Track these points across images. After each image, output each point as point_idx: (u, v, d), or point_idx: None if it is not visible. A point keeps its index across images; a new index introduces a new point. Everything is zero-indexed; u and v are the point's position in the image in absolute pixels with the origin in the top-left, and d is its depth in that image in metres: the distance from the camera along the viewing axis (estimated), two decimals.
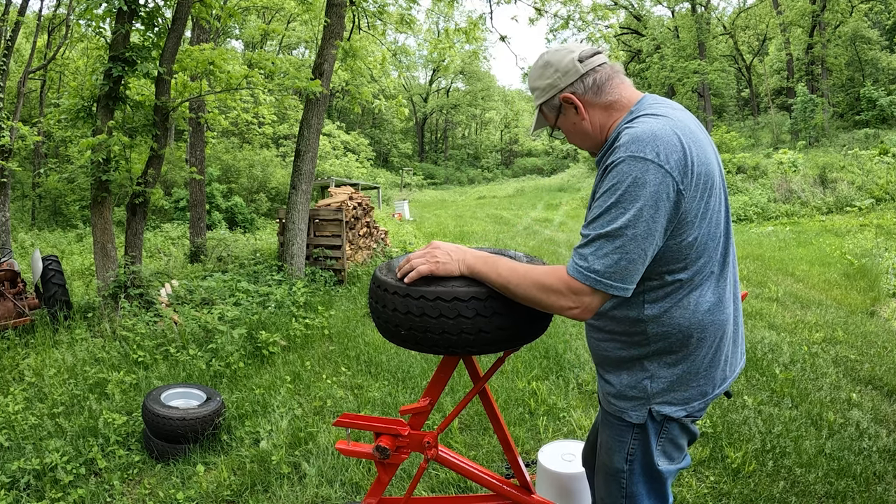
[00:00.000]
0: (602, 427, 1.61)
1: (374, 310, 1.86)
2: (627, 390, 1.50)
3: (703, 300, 1.43)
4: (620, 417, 1.53)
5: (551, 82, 1.52)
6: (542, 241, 12.63)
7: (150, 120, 6.52)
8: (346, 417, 1.96)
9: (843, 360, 4.45)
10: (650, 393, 1.47)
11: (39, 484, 3.09)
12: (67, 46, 18.90)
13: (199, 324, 5.43)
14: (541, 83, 1.54)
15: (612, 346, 1.52)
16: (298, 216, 7.79)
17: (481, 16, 12.33)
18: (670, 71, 32.96)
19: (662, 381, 1.46)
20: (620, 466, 1.53)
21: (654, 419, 1.48)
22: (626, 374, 1.50)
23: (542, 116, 1.60)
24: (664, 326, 1.43)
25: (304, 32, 33.85)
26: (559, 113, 1.54)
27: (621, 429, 1.53)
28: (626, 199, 1.29)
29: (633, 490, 1.54)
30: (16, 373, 4.78)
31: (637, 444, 1.51)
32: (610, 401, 1.55)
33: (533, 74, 1.57)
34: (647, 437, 1.50)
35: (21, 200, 21.07)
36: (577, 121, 1.52)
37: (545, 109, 1.56)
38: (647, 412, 1.47)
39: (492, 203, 27.09)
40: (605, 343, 1.54)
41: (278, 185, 22.60)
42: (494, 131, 53.52)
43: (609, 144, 1.46)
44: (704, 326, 1.43)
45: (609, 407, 1.56)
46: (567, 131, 1.56)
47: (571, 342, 5.07)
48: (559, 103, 1.52)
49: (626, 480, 1.54)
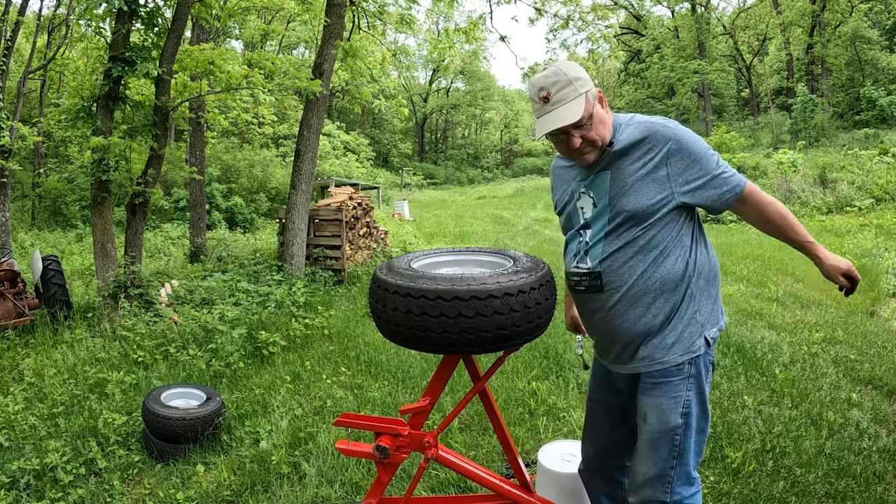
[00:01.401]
0: (650, 398, 1.78)
1: (374, 309, 1.86)
2: (685, 331, 1.75)
3: (710, 246, 1.85)
4: (679, 368, 1.74)
5: (587, 78, 1.71)
6: (542, 240, 12.63)
7: (150, 120, 6.51)
8: (346, 417, 1.96)
9: (843, 360, 4.45)
10: (701, 322, 1.77)
11: (39, 484, 3.09)
12: (67, 46, 18.90)
13: (199, 324, 5.43)
14: (582, 75, 1.70)
15: (659, 306, 1.73)
16: (298, 216, 7.78)
17: (481, 16, 12.33)
18: (670, 71, 32.97)
19: (706, 308, 1.79)
20: (676, 423, 1.74)
21: (708, 344, 1.77)
22: (677, 320, 1.75)
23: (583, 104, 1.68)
24: (700, 267, 1.77)
25: (304, 32, 33.84)
26: (596, 103, 1.72)
27: (676, 384, 1.75)
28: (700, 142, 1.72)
29: (685, 446, 1.75)
30: (16, 373, 4.78)
31: (692, 392, 1.76)
32: (668, 357, 1.75)
33: (571, 68, 1.70)
34: (700, 373, 1.77)
35: (21, 200, 21.07)
36: (605, 113, 1.74)
37: (589, 97, 1.69)
38: (703, 340, 1.76)
39: (492, 203, 27.08)
40: (651, 311, 1.73)
41: (278, 185, 22.59)
42: (494, 131, 53.48)
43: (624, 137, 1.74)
44: (716, 264, 1.86)
45: (666, 363, 1.75)
46: (600, 121, 1.71)
47: (571, 342, 5.06)
48: (596, 94, 1.72)
49: (679, 437, 1.74)
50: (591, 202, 1.79)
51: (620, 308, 1.74)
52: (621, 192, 1.71)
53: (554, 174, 2.00)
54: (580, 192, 1.82)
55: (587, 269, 1.77)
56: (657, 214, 1.69)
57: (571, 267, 1.84)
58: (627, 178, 1.70)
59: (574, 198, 1.84)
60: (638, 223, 1.69)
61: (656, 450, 1.76)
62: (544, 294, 1.80)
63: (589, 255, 1.77)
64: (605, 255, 1.74)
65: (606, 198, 1.73)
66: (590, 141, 1.70)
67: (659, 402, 1.76)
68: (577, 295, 1.87)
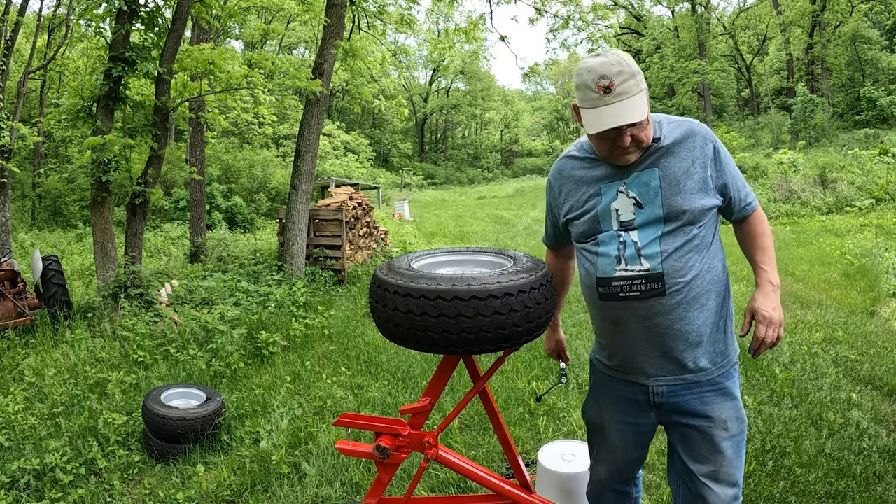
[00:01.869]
0: (721, 404, 1.71)
1: (374, 309, 1.86)
2: (730, 331, 1.76)
3: None
4: (735, 368, 1.76)
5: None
6: (541, 240, 12.63)
7: (150, 120, 6.51)
8: (346, 417, 1.96)
9: (843, 360, 4.45)
10: (733, 320, 1.80)
11: (39, 484, 3.09)
12: (67, 46, 18.89)
13: (199, 324, 5.43)
14: (637, 69, 1.60)
15: (711, 307, 1.69)
16: (298, 216, 7.78)
17: (481, 16, 12.33)
18: (670, 71, 32.98)
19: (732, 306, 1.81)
20: (743, 418, 1.74)
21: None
22: (727, 320, 1.75)
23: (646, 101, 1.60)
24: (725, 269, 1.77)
25: (304, 32, 33.83)
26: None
27: (735, 384, 1.74)
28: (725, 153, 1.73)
29: (743, 442, 1.76)
30: (16, 373, 4.78)
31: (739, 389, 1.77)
32: (728, 359, 1.74)
33: (630, 59, 1.60)
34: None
35: (21, 200, 21.06)
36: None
37: (646, 93, 1.61)
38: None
39: (492, 203, 27.08)
40: (706, 312, 1.68)
41: (278, 185, 22.58)
42: (494, 131, 53.48)
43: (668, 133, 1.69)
44: None
45: (727, 365, 1.73)
46: (648, 120, 1.63)
47: (571, 342, 5.06)
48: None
49: (745, 432, 1.76)
50: (631, 202, 1.67)
51: (681, 311, 1.64)
52: (675, 191, 1.63)
53: (561, 177, 1.83)
54: (616, 193, 1.68)
55: (644, 270, 1.63)
56: (707, 214, 1.66)
57: (615, 271, 1.67)
58: (678, 175, 1.64)
59: (603, 200, 1.70)
60: (693, 221, 1.63)
61: (739, 454, 1.73)
62: (544, 294, 1.80)
63: (644, 257, 1.63)
64: (665, 255, 1.62)
65: (659, 197, 1.63)
66: (638, 141, 1.60)
67: (734, 405, 1.72)
68: (621, 303, 1.68)
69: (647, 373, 1.73)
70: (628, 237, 1.67)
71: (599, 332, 1.85)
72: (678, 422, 1.74)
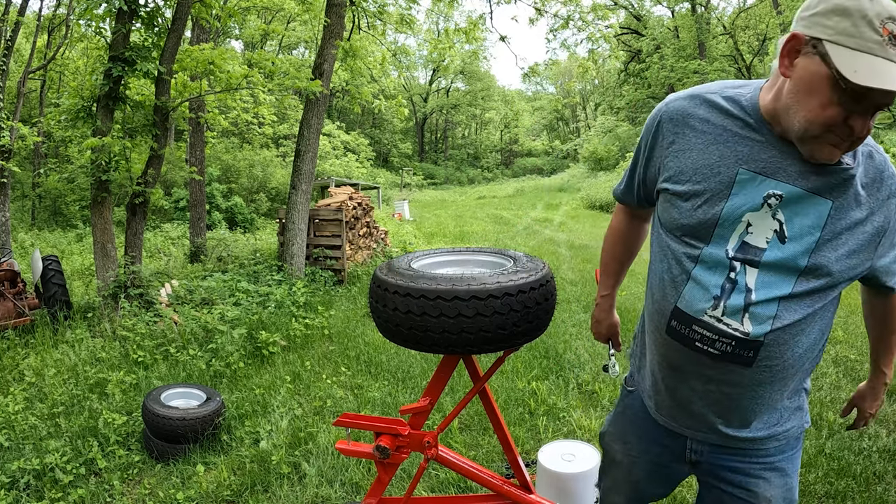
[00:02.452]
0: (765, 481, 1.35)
1: (374, 309, 1.87)
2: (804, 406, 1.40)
3: None
4: (800, 435, 1.40)
5: None
6: (542, 241, 12.63)
7: (150, 120, 6.51)
8: (346, 417, 1.96)
9: (843, 360, 4.45)
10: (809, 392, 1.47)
11: (39, 484, 3.08)
12: (67, 46, 18.89)
13: (199, 324, 5.43)
14: None
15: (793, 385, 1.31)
16: (298, 216, 7.78)
17: (481, 16, 12.34)
18: (670, 71, 32.98)
19: None
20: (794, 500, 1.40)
21: None
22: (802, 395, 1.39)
23: None
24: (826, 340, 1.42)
25: (304, 32, 33.82)
26: None
27: (791, 461, 1.38)
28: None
29: None
30: (16, 373, 4.78)
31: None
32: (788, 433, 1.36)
33: None
34: None
35: (21, 200, 21.06)
36: None
37: None
38: None
39: (492, 203, 27.08)
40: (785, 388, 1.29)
41: (278, 185, 22.58)
42: (494, 131, 53.50)
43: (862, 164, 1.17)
44: None
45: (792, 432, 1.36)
46: None
47: (571, 342, 5.06)
48: None
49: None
50: (773, 228, 1.15)
51: (759, 388, 1.25)
52: (834, 244, 1.14)
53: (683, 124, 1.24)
54: (762, 199, 1.15)
55: (742, 334, 1.18)
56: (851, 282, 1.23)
57: (704, 314, 1.20)
58: (849, 224, 1.14)
59: (735, 196, 1.17)
60: (829, 289, 1.19)
61: None
62: (544, 294, 1.80)
63: (752, 317, 1.17)
64: (778, 325, 1.17)
65: (813, 239, 1.14)
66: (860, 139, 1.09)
67: (784, 485, 1.36)
68: (691, 353, 1.24)
69: (689, 426, 1.38)
70: (743, 277, 1.17)
71: (649, 360, 1.44)
72: (715, 485, 1.41)
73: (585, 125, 51.08)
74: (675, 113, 1.26)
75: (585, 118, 53.03)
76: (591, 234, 13.64)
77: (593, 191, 23.88)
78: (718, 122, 1.19)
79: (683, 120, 1.24)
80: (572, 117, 56.61)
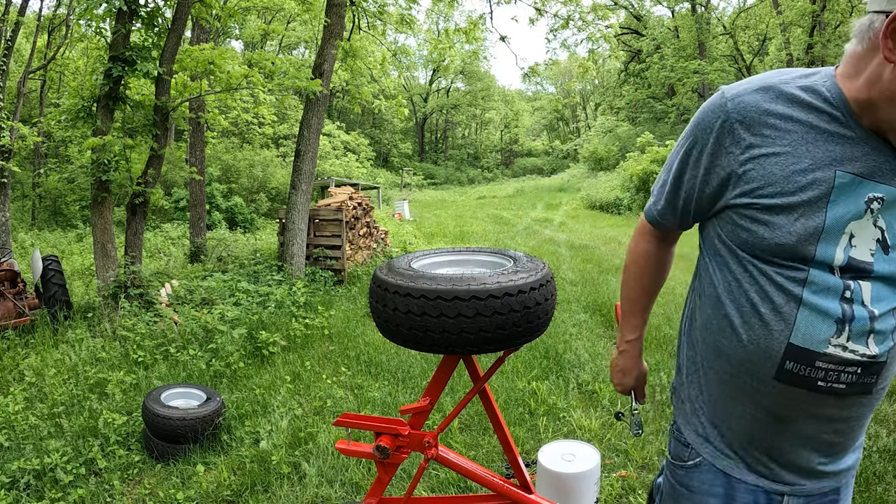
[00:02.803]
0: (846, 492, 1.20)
1: (374, 309, 1.87)
2: None
3: None
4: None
5: None
6: (541, 241, 12.63)
7: (150, 120, 6.51)
8: (346, 417, 1.96)
9: None
10: None
11: (39, 484, 3.09)
12: (67, 46, 18.89)
13: (199, 324, 5.44)
14: None
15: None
16: (298, 216, 7.79)
17: (481, 16, 12.34)
18: (670, 71, 32.99)
19: None
20: None
21: None
22: None
23: None
24: None
25: (304, 32, 33.84)
26: None
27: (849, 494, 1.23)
28: None
29: None
30: (16, 373, 4.78)
31: None
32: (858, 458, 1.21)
33: None
34: None
35: (21, 200, 21.06)
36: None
37: None
38: None
39: (492, 203, 27.08)
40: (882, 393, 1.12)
41: (278, 185, 22.58)
42: (494, 131, 53.52)
43: None
44: None
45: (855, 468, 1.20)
46: None
47: (571, 342, 5.06)
48: None
49: None
50: (875, 237, 1.00)
51: (869, 415, 1.11)
52: None
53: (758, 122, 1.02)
54: (864, 204, 0.99)
55: (869, 358, 1.01)
56: None
57: (828, 346, 1.01)
58: None
59: (835, 204, 0.99)
60: None
61: None
62: (544, 294, 1.80)
63: (875, 335, 1.01)
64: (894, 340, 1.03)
65: None
66: None
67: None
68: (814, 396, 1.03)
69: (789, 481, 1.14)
70: (859, 293, 1.00)
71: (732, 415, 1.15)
72: None
73: (585, 125, 51.10)
74: (749, 111, 1.03)
75: (585, 118, 53.05)
76: (592, 234, 13.64)
77: (593, 191, 23.89)
78: (803, 117, 1.00)
79: (760, 119, 1.02)
80: (572, 117, 56.63)
